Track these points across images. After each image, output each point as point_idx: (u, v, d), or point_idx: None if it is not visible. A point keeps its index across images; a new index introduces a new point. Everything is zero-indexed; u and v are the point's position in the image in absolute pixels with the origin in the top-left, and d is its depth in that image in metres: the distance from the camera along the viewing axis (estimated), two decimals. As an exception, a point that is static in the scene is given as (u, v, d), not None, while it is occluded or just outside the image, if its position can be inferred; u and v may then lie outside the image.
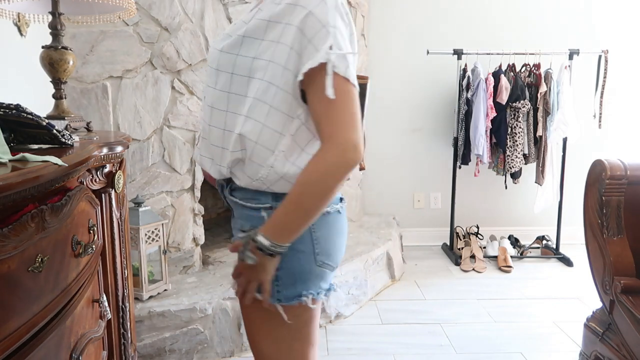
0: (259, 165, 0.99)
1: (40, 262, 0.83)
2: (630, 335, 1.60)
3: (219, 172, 1.06)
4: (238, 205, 1.06)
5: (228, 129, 1.01)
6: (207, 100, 1.05)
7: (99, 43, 2.20)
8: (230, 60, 0.99)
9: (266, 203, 1.01)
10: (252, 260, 0.96)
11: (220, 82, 1.01)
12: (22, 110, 0.97)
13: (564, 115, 3.28)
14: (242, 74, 0.98)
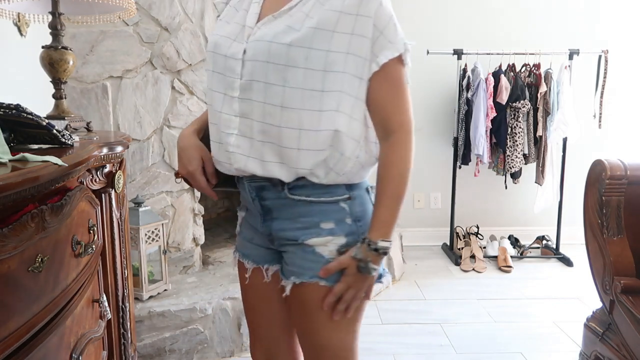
0: (347, 159, 0.99)
1: (40, 262, 0.83)
2: (630, 335, 1.60)
3: (289, 174, 0.99)
4: (303, 202, 1.01)
5: (306, 128, 0.96)
6: (262, 98, 0.96)
7: (99, 43, 2.20)
8: (302, 54, 0.93)
9: (344, 194, 1.02)
10: (376, 270, 1.00)
11: (291, 79, 0.94)
12: (22, 110, 0.97)
13: (564, 115, 3.28)
14: (317, 68, 0.93)
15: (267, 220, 1.05)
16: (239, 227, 1.19)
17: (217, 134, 1.04)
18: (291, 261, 1.04)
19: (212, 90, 1.04)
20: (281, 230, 1.04)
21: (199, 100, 2.40)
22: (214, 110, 1.04)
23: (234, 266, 1.22)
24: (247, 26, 1.00)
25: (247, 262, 1.15)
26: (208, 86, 1.06)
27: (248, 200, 1.07)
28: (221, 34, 1.03)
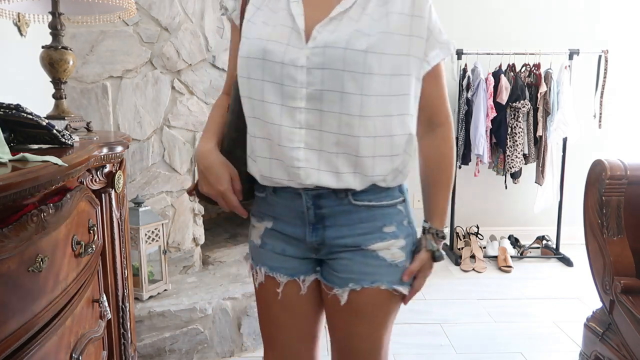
0: (412, 160, 1.02)
1: (40, 262, 0.83)
2: (630, 335, 1.60)
3: (362, 183, 0.96)
4: (364, 207, 0.99)
5: (381, 135, 0.94)
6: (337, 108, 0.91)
7: (99, 43, 2.20)
8: (376, 60, 0.90)
9: (400, 197, 1.04)
10: (442, 256, 1.07)
11: (367, 86, 0.91)
12: (22, 110, 0.97)
13: (564, 115, 3.28)
14: (388, 73, 0.92)
15: (319, 229, 1.00)
16: (260, 239, 1.08)
17: (272, 149, 0.96)
18: (346, 268, 1.01)
19: (263, 102, 0.94)
20: (338, 237, 1.00)
21: (199, 100, 2.40)
22: (268, 123, 0.94)
23: (256, 281, 1.11)
24: (299, 29, 0.92)
25: (280, 276, 1.06)
26: (254, 96, 0.95)
27: (296, 210, 1.00)
28: (266, 37, 0.94)
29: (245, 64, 0.96)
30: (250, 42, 0.95)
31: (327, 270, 1.04)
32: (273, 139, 0.95)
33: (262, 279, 1.09)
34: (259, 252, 1.09)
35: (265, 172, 0.99)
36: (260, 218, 1.08)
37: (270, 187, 1.01)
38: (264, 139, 0.97)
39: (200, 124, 2.40)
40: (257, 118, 0.96)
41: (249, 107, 0.97)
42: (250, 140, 1.00)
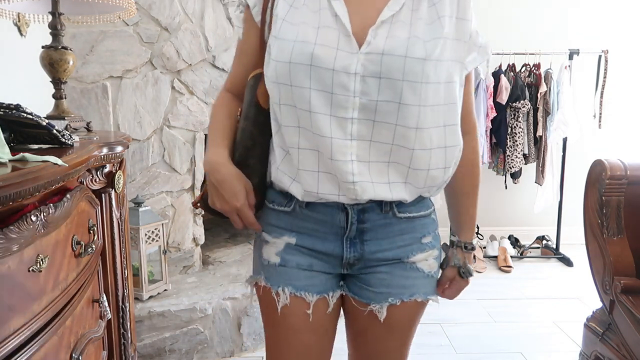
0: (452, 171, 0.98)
1: (40, 262, 0.83)
2: (630, 335, 1.60)
3: (412, 195, 0.93)
4: (405, 219, 0.96)
5: (436, 147, 0.89)
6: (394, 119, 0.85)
7: (99, 43, 2.20)
8: (432, 68, 0.84)
9: (432, 206, 1.04)
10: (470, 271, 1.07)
11: (425, 97, 0.85)
12: (22, 110, 0.97)
13: (564, 115, 3.28)
14: (442, 81, 0.86)
15: (357, 243, 0.94)
16: (278, 257, 0.97)
17: (321, 162, 0.88)
18: (384, 282, 0.97)
19: (311, 112, 0.85)
20: (378, 251, 0.95)
21: (199, 101, 2.40)
22: (317, 135, 0.86)
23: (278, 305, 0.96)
24: (348, 32, 0.84)
25: (309, 295, 0.96)
26: (300, 106, 0.86)
27: (334, 225, 0.93)
28: (312, 40, 0.84)
29: (286, 70, 0.85)
30: (293, 45, 0.85)
31: (358, 285, 0.98)
32: (323, 151, 0.87)
33: (286, 301, 0.96)
34: (278, 271, 0.97)
35: (310, 187, 0.90)
36: (278, 233, 0.97)
37: (300, 201, 0.93)
38: (312, 150, 0.88)
39: (200, 123, 2.40)
40: (303, 128, 0.87)
41: (291, 117, 0.88)
42: (292, 152, 0.90)
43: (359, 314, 1.00)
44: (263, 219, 0.99)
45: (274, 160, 0.95)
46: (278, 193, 0.96)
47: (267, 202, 0.99)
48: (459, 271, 1.05)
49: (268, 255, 0.98)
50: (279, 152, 0.93)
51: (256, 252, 1.02)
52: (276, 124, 0.92)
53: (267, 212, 0.99)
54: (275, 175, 0.94)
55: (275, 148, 0.94)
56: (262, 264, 0.99)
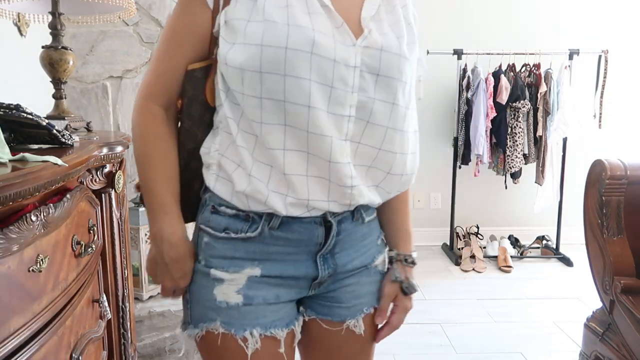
0: None
1: (40, 262, 0.83)
2: (630, 335, 1.60)
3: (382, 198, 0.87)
4: (367, 223, 0.90)
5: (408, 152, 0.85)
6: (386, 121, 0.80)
7: (99, 43, 2.20)
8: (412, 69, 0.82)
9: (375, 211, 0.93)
10: (416, 285, 0.95)
11: (409, 98, 0.82)
12: (22, 110, 0.97)
13: (564, 115, 3.28)
14: (412, 84, 0.83)
15: (328, 259, 0.86)
16: (241, 296, 0.82)
17: (310, 165, 0.78)
18: (354, 294, 0.90)
19: (309, 107, 0.75)
20: (348, 262, 0.88)
21: (199, 100, 2.40)
22: (313, 134, 0.76)
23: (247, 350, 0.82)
24: (342, 23, 0.76)
25: (279, 331, 0.84)
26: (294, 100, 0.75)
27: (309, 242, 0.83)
28: (309, 26, 0.74)
29: (279, 57, 0.73)
30: (288, 29, 0.73)
31: (327, 305, 0.90)
32: (316, 152, 0.77)
33: (257, 345, 0.82)
34: (242, 312, 0.82)
35: (301, 195, 0.78)
36: (237, 267, 0.82)
37: (271, 222, 0.80)
38: (299, 152, 0.77)
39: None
40: (291, 126, 0.76)
41: (276, 113, 0.76)
42: (275, 154, 0.77)
43: (330, 335, 0.91)
44: (207, 252, 0.83)
45: (241, 169, 0.79)
46: (234, 217, 0.81)
47: (211, 231, 0.82)
48: (401, 287, 0.92)
49: (225, 296, 0.82)
50: (250, 158, 0.78)
51: (200, 294, 0.84)
52: (245, 123, 0.78)
53: (215, 244, 0.82)
54: (247, 187, 0.78)
55: (242, 153, 0.78)
56: (215, 308, 0.82)
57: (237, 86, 0.77)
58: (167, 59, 0.84)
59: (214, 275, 0.82)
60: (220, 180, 0.81)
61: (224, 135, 0.81)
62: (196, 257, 0.85)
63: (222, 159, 0.81)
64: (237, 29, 0.76)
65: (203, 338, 0.84)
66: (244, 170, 0.78)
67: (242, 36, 0.75)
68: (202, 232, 0.84)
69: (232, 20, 0.77)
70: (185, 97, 0.84)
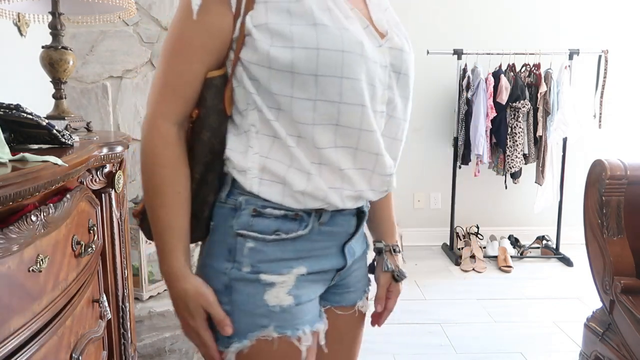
0: None
1: (40, 262, 0.83)
2: (630, 335, 1.60)
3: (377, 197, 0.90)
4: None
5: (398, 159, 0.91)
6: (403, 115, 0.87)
7: (99, 43, 2.20)
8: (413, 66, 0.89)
9: None
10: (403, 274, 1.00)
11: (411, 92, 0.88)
12: (22, 110, 0.97)
13: (564, 115, 3.28)
14: None
15: (351, 247, 0.90)
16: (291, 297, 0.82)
17: (356, 159, 0.81)
18: (358, 279, 0.96)
19: (363, 106, 0.78)
20: (358, 248, 0.94)
21: (199, 100, 2.40)
22: (365, 131, 0.79)
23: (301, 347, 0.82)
24: (368, 24, 0.81)
25: (320, 325, 0.87)
26: (350, 100, 0.77)
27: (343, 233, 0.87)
28: (353, 29, 0.77)
29: (337, 60, 0.74)
30: (341, 32, 0.75)
31: (338, 293, 0.94)
32: (368, 148, 0.80)
33: (309, 342, 0.83)
34: (293, 313, 0.82)
35: (358, 186, 0.82)
36: (286, 268, 0.81)
37: (322, 216, 0.82)
38: (347, 148, 0.79)
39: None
40: (342, 125, 0.78)
41: (328, 114, 0.77)
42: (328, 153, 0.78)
43: (344, 320, 0.96)
44: (255, 258, 0.80)
45: (294, 169, 0.79)
46: (282, 218, 0.81)
47: (257, 235, 0.80)
48: (392, 275, 0.98)
49: (278, 300, 0.81)
50: (305, 158, 0.79)
51: (248, 304, 0.80)
52: (290, 125, 0.78)
53: (264, 247, 0.80)
54: (306, 186, 0.79)
55: (295, 153, 0.78)
56: (268, 314, 0.80)
57: (284, 89, 0.76)
58: (182, 70, 0.78)
59: (265, 280, 0.80)
60: (265, 183, 0.79)
61: (263, 138, 0.79)
62: (235, 266, 0.81)
63: (267, 161, 0.79)
64: (279, 32, 0.74)
65: (252, 348, 0.80)
66: (300, 170, 0.79)
67: (288, 39, 0.74)
68: (244, 238, 0.80)
69: (268, 24, 0.75)
70: (203, 107, 0.80)
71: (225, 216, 0.83)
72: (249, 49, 0.76)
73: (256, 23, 0.75)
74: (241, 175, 0.80)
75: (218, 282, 0.82)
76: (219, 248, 0.84)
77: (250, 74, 0.78)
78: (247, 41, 0.76)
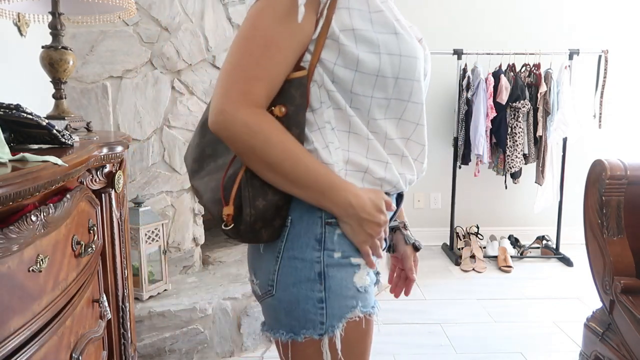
0: None
1: (40, 262, 0.83)
2: (630, 335, 1.60)
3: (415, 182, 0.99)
4: None
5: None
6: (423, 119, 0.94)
7: (99, 43, 2.20)
8: None
9: None
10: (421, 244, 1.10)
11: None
12: (22, 110, 0.97)
13: (564, 115, 3.28)
14: None
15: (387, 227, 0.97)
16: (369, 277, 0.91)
17: (413, 149, 0.92)
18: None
19: (422, 104, 0.90)
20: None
21: (199, 100, 2.40)
22: (419, 125, 0.91)
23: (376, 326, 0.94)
24: (415, 35, 0.91)
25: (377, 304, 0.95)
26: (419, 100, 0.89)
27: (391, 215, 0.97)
28: (413, 38, 0.89)
29: (412, 65, 0.85)
30: (412, 41, 0.86)
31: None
32: (419, 140, 0.92)
33: (377, 317, 0.93)
34: (369, 292, 0.90)
35: (416, 174, 0.94)
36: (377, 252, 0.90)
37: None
38: (405, 139, 0.91)
39: (200, 124, 2.40)
40: (404, 120, 0.89)
41: (398, 111, 0.88)
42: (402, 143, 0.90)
43: None
44: (343, 244, 0.86)
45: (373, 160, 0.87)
46: None
47: None
48: (414, 246, 1.07)
49: (363, 281, 0.88)
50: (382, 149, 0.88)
51: (341, 288, 0.86)
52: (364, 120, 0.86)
53: None
54: (385, 173, 0.88)
55: (375, 146, 0.87)
56: (355, 295, 0.87)
57: (365, 90, 0.84)
58: (272, 64, 0.82)
59: (355, 262, 0.87)
60: (350, 174, 0.86)
61: (340, 134, 0.86)
62: (326, 253, 0.86)
63: (350, 154, 0.86)
64: (367, 38, 0.82)
65: (344, 329, 0.86)
66: (378, 160, 0.88)
67: (376, 46, 0.82)
68: (332, 226, 0.86)
69: (354, 29, 0.82)
70: (292, 105, 0.84)
71: (311, 208, 0.86)
72: (332, 51, 0.83)
73: (342, 28, 0.82)
74: None
75: (310, 271, 0.85)
76: (306, 239, 0.86)
77: (333, 74, 0.84)
78: (328, 44, 0.83)
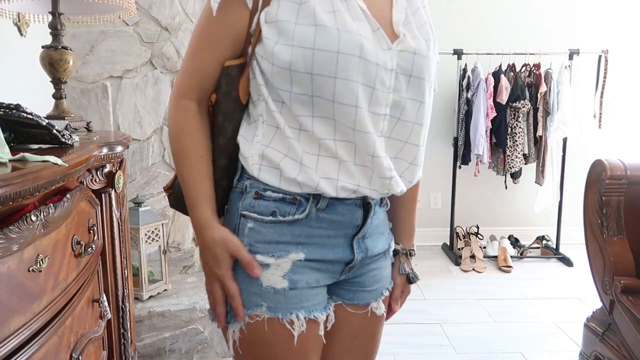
0: None
1: (40, 262, 0.83)
2: (630, 335, 1.60)
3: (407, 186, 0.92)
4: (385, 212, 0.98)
5: (424, 145, 0.92)
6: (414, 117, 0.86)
7: (99, 43, 2.20)
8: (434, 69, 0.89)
9: None
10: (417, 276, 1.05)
11: (427, 96, 0.88)
12: (22, 110, 0.97)
13: (564, 115, 3.28)
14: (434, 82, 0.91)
15: (361, 242, 0.90)
16: (286, 280, 0.85)
17: (357, 155, 0.83)
18: (376, 278, 0.96)
19: (357, 107, 0.80)
20: (375, 246, 0.93)
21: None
22: (358, 131, 0.81)
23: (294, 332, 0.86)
24: (379, 27, 0.82)
25: (319, 314, 0.88)
26: (344, 101, 0.80)
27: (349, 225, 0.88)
28: (356, 31, 0.79)
29: (331, 60, 0.78)
30: (339, 34, 0.78)
31: (352, 290, 0.95)
32: (364, 148, 0.83)
33: (302, 327, 0.86)
34: (288, 296, 0.85)
35: (351, 179, 0.84)
36: (282, 252, 0.84)
37: (319, 203, 0.84)
38: (347, 142, 0.83)
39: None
40: (340, 122, 0.81)
41: (325, 110, 0.81)
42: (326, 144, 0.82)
43: (355, 319, 0.97)
44: (252, 238, 0.85)
45: (289, 159, 0.83)
46: (281, 201, 0.84)
47: (257, 216, 0.85)
48: (407, 277, 1.04)
49: (271, 281, 0.84)
50: (300, 149, 0.82)
51: (246, 282, 0.85)
52: (291, 118, 0.82)
53: (262, 228, 0.85)
54: (297, 174, 0.82)
55: (292, 144, 0.82)
56: (261, 293, 0.84)
57: (284, 85, 0.81)
58: (201, 58, 0.86)
59: (260, 261, 0.84)
60: (264, 169, 0.84)
61: (267, 128, 0.84)
62: None
63: (266, 149, 0.84)
64: (284, 30, 0.79)
65: (247, 326, 0.86)
66: (294, 159, 0.83)
67: (290, 38, 0.79)
68: (246, 219, 0.86)
69: (277, 21, 0.80)
70: (220, 92, 0.87)
71: (235, 199, 0.89)
72: (261, 43, 0.82)
73: (269, 20, 0.80)
74: (245, 161, 0.86)
75: None
76: (229, 228, 0.88)
77: (261, 67, 0.83)
78: (261, 36, 0.82)
